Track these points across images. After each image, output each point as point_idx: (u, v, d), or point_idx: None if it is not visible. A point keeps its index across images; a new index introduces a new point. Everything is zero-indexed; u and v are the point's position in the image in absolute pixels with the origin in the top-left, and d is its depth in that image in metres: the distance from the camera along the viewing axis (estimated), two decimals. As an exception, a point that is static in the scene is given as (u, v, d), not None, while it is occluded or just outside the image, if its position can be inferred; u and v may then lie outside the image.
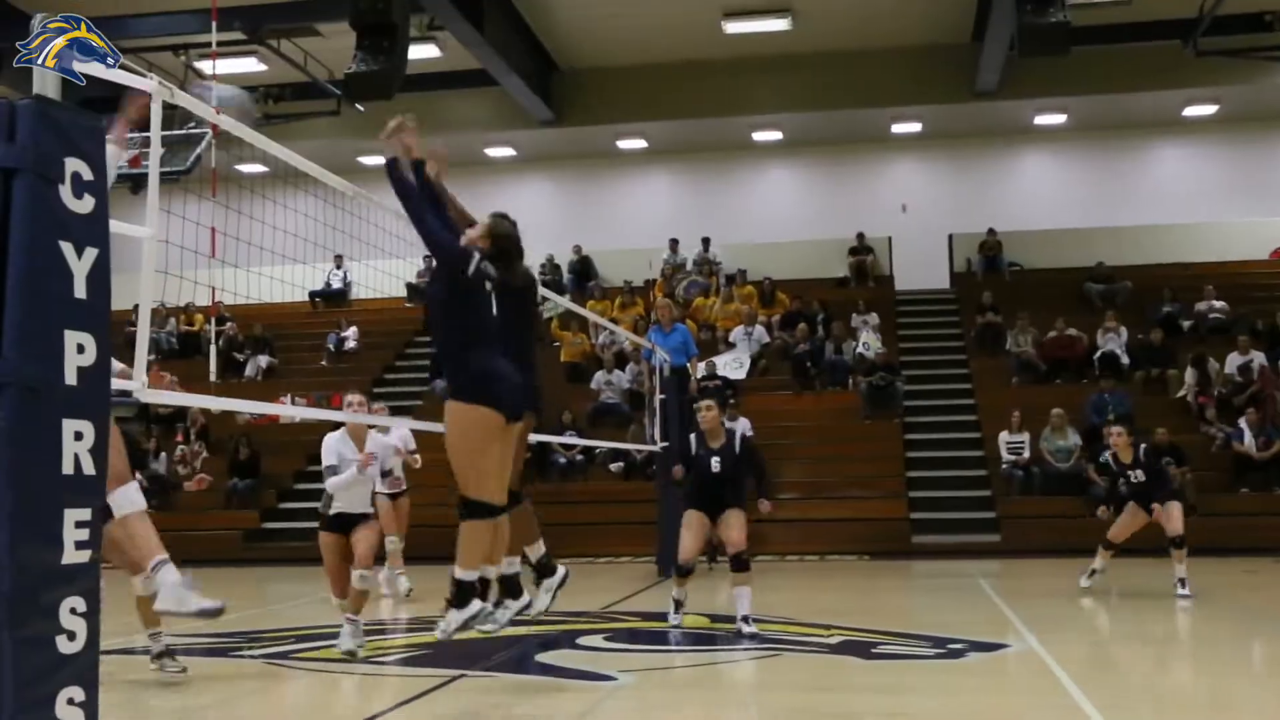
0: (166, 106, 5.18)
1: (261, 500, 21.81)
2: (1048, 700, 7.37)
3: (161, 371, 19.20)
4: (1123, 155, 28.30)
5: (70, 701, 4.02)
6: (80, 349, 4.11)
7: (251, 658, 9.63)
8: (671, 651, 9.74)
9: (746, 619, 10.24)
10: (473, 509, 6.86)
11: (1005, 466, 20.09)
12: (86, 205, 4.17)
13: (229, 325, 26.50)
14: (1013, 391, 22.49)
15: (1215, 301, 23.86)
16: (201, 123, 20.15)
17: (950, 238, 27.66)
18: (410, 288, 28.26)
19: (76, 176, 4.14)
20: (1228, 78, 24.70)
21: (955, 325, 25.82)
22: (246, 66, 24.44)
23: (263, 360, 25.95)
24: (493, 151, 29.48)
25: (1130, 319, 23.57)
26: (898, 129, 28.14)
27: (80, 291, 4.13)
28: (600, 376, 23.04)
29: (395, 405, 22.36)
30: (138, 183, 20.60)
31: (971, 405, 22.71)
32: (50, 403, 4.02)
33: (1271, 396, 19.97)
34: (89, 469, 4.12)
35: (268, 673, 9.03)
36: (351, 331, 26.79)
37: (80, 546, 4.08)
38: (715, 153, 29.06)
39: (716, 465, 10.87)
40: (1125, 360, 22.54)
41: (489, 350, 6.98)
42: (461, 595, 6.94)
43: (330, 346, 26.66)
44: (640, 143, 28.96)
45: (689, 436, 11.32)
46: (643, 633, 10.69)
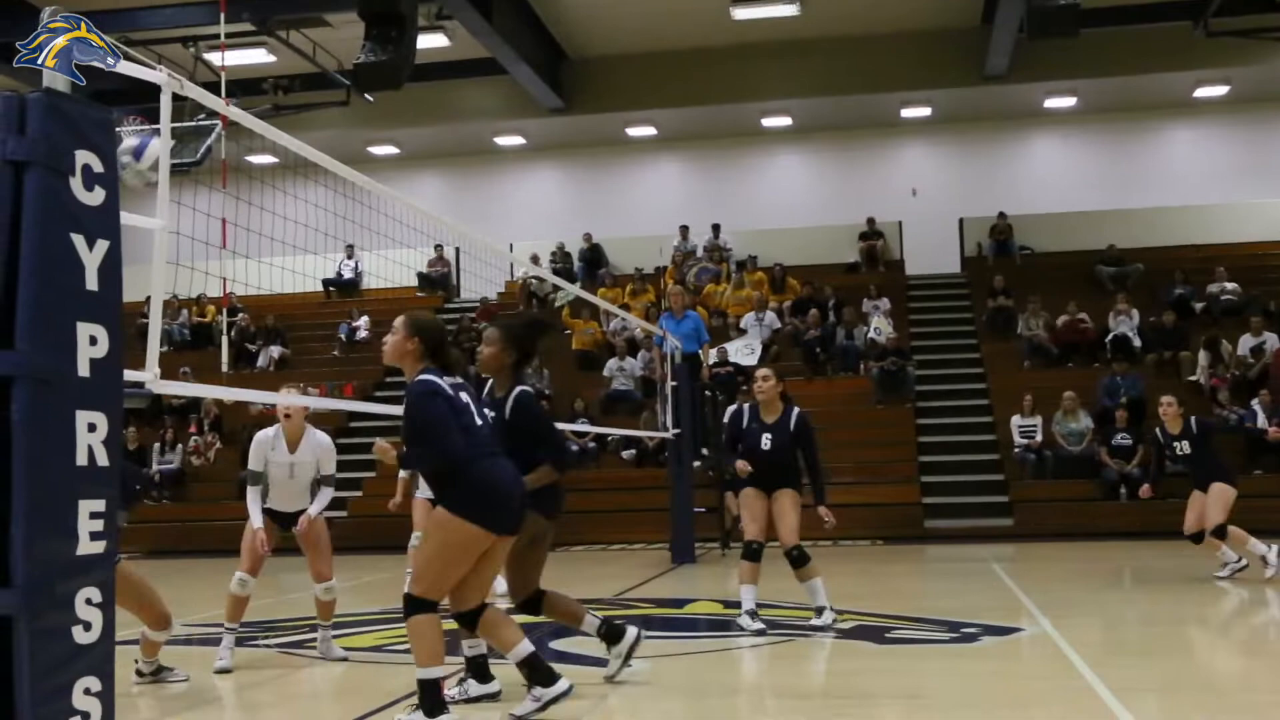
0: (176, 98, 5.18)
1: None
2: (1062, 683, 7.36)
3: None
4: (1133, 137, 28.20)
5: (87, 691, 4.05)
6: (93, 341, 4.12)
7: (266, 647, 9.66)
8: (684, 638, 9.75)
9: (821, 610, 9.94)
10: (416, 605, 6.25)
11: (1017, 450, 20.07)
12: (97, 197, 4.18)
13: (241, 316, 26.56)
14: (1024, 375, 22.46)
15: (1227, 283, 23.78)
16: (212, 114, 20.22)
17: (961, 222, 27.60)
18: (421, 277, 28.31)
19: (87, 169, 4.15)
20: (1239, 58, 24.60)
21: (966, 309, 25.76)
22: (255, 58, 24.48)
23: (275, 351, 26.00)
24: (502, 140, 29.48)
25: (1142, 301, 23.51)
26: (907, 113, 28.07)
27: (92, 283, 4.14)
28: (612, 364, 23.05)
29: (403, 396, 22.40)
30: (148, 175, 20.62)
31: (983, 389, 22.68)
32: (63, 394, 4.03)
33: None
34: (102, 460, 4.14)
35: (283, 661, 9.06)
36: (363, 321, 26.82)
37: (95, 537, 4.09)
38: (725, 139, 29.02)
39: (767, 443, 10.39)
40: (1137, 343, 22.48)
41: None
42: (424, 696, 6.20)
43: (342, 336, 26.69)
44: (650, 130, 28.92)
45: (740, 409, 10.75)
46: (656, 619, 10.70)
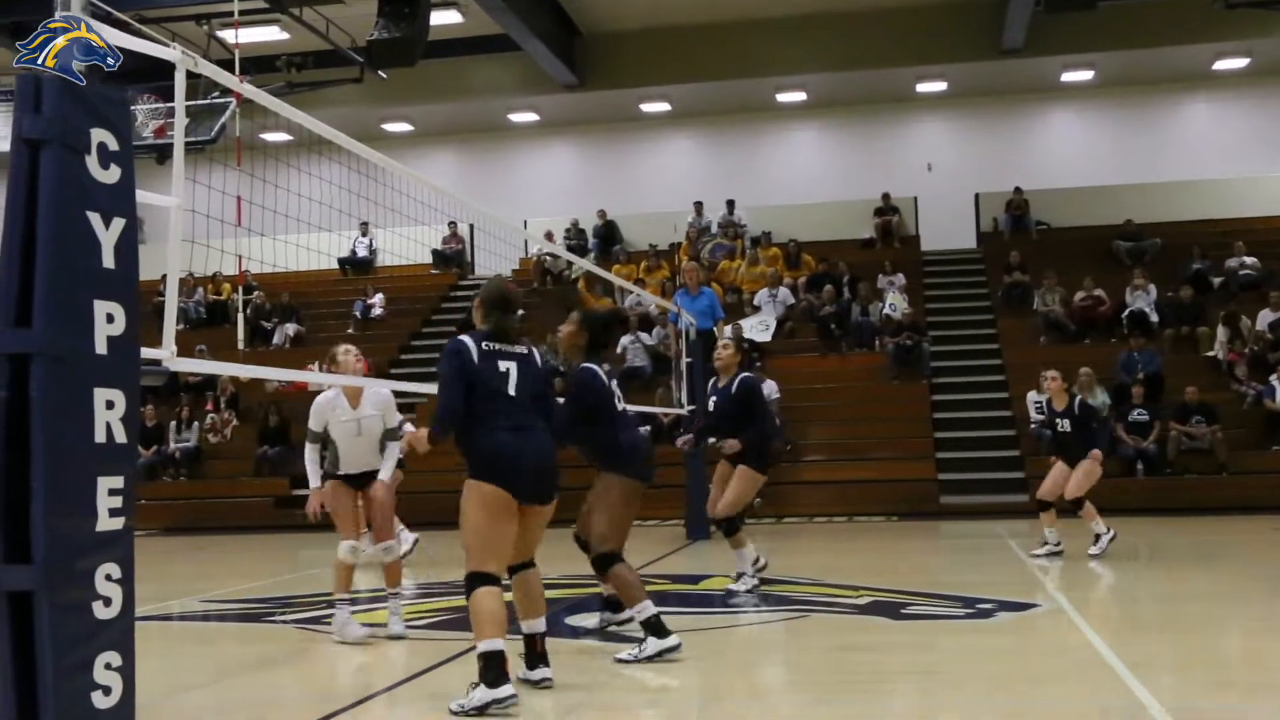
0: (190, 76, 5.19)
1: (291, 467, 21.92)
2: (1077, 659, 7.38)
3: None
4: (1151, 111, 28.08)
5: (108, 666, 4.09)
6: (110, 318, 4.15)
7: (284, 623, 9.72)
8: (700, 614, 9.77)
9: (739, 575, 10.53)
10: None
11: (1033, 426, 20.02)
12: (113, 175, 4.21)
13: (256, 294, 26.62)
14: (1040, 351, 22.38)
15: (1246, 258, 23.68)
16: (226, 92, 20.22)
17: (977, 197, 27.50)
18: (436, 254, 28.32)
19: (103, 147, 4.17)
20: (1259, 30, 24.39)
21: (982, 285, 25.70)
22: (269, 35, 24.48)
23: (290, 328, 26.06)
24: (516, 117, 29.45)
25: (1159, 276, 23.42)
26: (923, 88, 27.96)
27: (109, 261, 4.17)
28: (626, 340, 23.06)
29: (421, 371, 22.44)
30: (163, 152, 20.68)
31: (999, 365, 22.64)
32: (81, 372, 4.06)
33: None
34: (120, 437, 4.17)
35: (300, 637, 9.12)
36: (378, 299, 26.86)
37: (114, 514, 4.13)
38: (739, 115, 28.96)
39: (713, 405, 10.77)
40: (1154, 318, 22.40)
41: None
42: (486, 668, 6.26)
43: (357, 314, 26.74)
44: (664, 106, 28.87)
45: (713, 379, 11.11)
46: (672, 595, 10.73)
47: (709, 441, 11.69)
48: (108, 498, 4.11)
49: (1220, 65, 26.75)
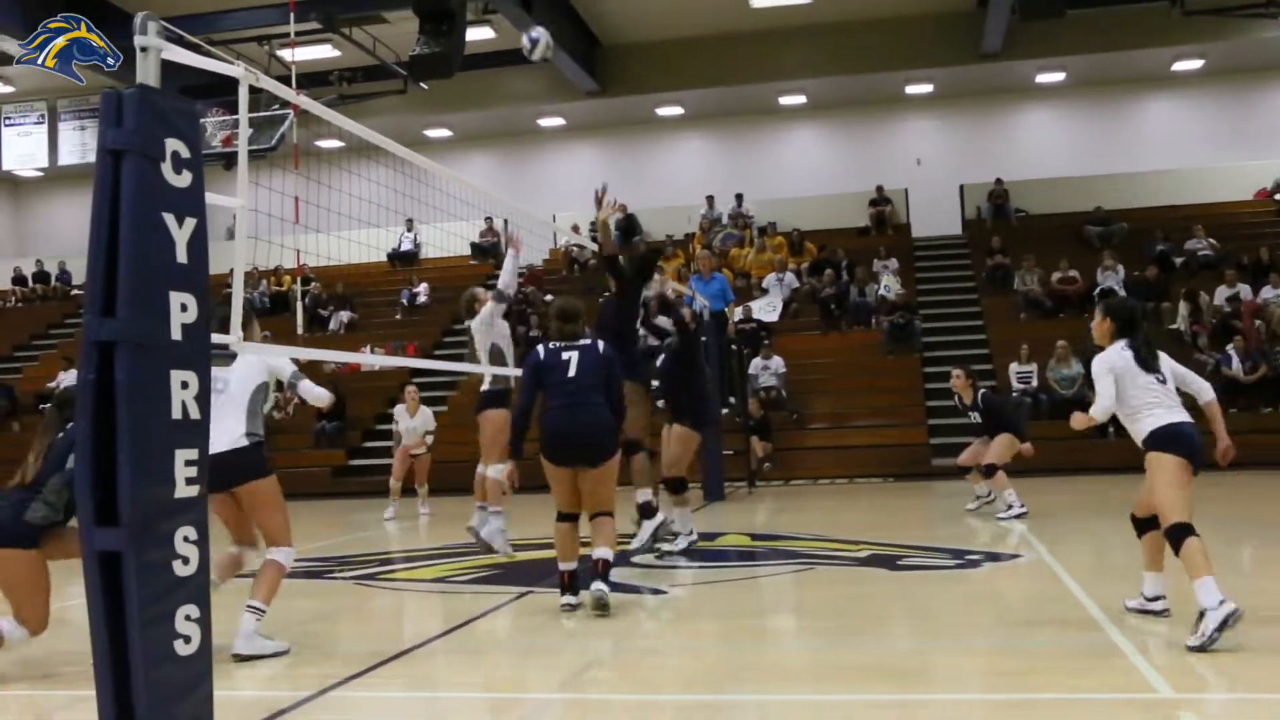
0: (253, 90, 5.19)
1: (348, 440, 22.01)
2: (1056, 604, 7.38)
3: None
4: (1117, 108, 27.96)
5: (188, 618, 4.13)
6: (183, 308, 4.17)
7: (342, 579, 9.77)
8: (717, 567, 9.78)
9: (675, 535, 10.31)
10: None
11: (1015, 395, 19.98)
12: (185, 180, 4.22)
13: (313, 285, 26.67)
14: (1021, 326, 22.33)
15: (1204, 239, 23.57)
16: (284, 104, 20.24)
17: (961, 188, 27.39)
18: (473, 246, 28.33)
19: (176, 155, 4.19)
20: (1212, 34, 24.37)
21: (967, 268, 25.62)
22: (322, 53, 24.49)
23: (344, 315, 26.11)
24: (544, 122, 29.43)
25: (1127, 258, 23.32)
26: (911, 90, 27.84)
27: (182, 257, 4.19)
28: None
29: (461, 353, 22.47)
30: (229, 160, 20.73)
31: (984, 340, 22.58)
32: (159, 356, 4.09)
33: (1250, 325, 19.78)
34: (194, 414, 4.20)
35: (357, 591, 9.16)
36: (422, 288, 26.89)
37: (190, 483, 4.16)
38: (745, 116, 28.90)
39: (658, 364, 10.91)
40: (1123, 295, 22.29)
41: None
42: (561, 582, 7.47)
43: (404, 301, 26.77)
44: (677, 110, 28.81)
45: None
46: (692, 551, 10.73)
47: (658, 404, 11.21)
48: (184, 468, 4.14)
49: (1178, 66, 26.62)
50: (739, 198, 27.48)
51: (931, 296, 24.40)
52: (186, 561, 4.13)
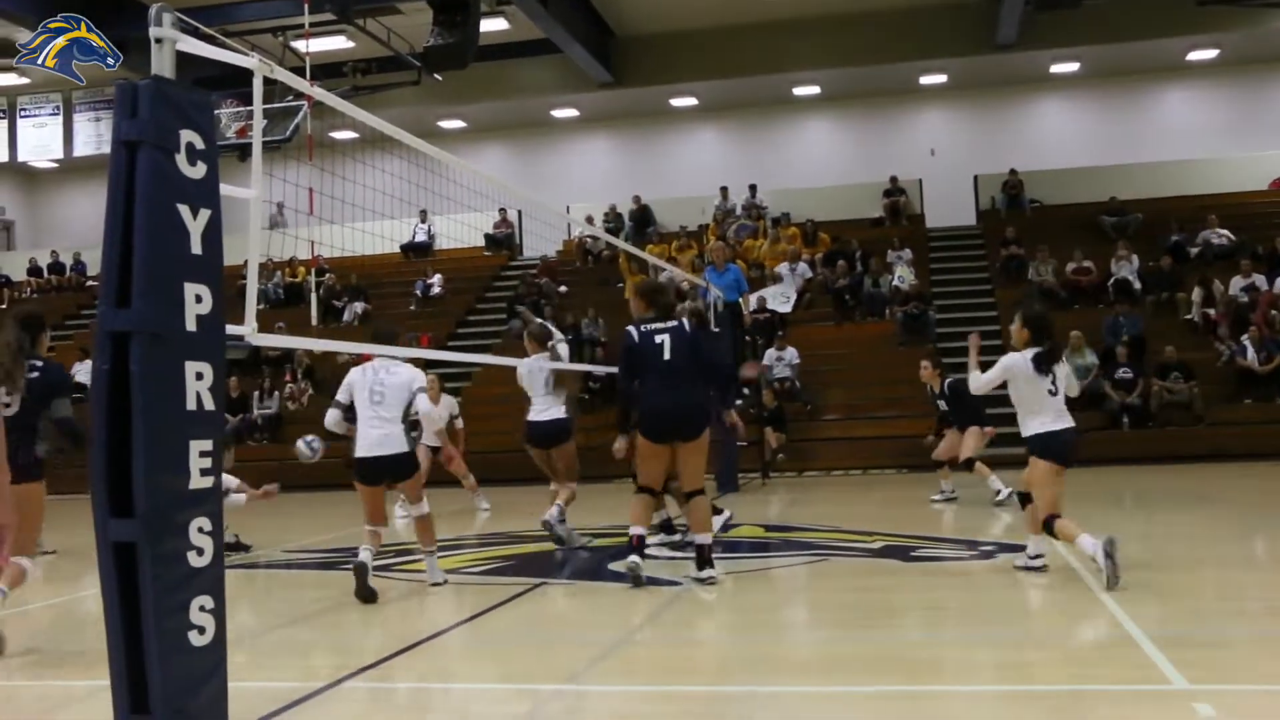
0: (267, 82, 5.18)
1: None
2: (1069, 593, 7.37)
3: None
4: (1132, 98, 27.88)
5: (202, 609, 4.13)
6: (198, 299, 4.18)
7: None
8: (730, 558, 9.77)
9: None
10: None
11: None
12: (200, 171, 4.22)
13: (328, 276, 26.69)
14: (1035, 317, 22.24)
15: (1219, 229, 23.47)
16: (299, 95, 20.25)
17: (975, 178, 27.29)
18: (488, 237, 28.33)
19: (190, 146, 4.19)
20: (1227, 24, 24.34)
21: (981, 258, 25.53)
22: (336, 44, 24.49)
23: (359, 306, 26.13)
24: (558, 113, 29.42)
25: (1141, 248, 23.22)
26: (925, 80, 27.77)
27: (196, 248, 4.19)
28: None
29: (476, 344, 22.51)
30: (244, 151, 20.75)
31: (997, 331, 22.48)
32: (173, 347, 4.09)
33: (1264, 315, 19.70)
34: (209, 405, 4.20)
35: (372, 583, 9.15)
36: (436, 279, 26.86)
37: (204, 473, 4.16)
38: (760, 107, 28.87)
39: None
40: (1137, 285, 22.22)
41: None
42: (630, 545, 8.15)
43: (418, 293, 26.78)
44: (692, 100, 28.77)
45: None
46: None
47: None
48: (198, 459, 4.14)
49: (1193, 56, 26.52)
50: (753, 189, 27.43)
51: (946, 287, 24.32)
52: (201, 552, 4.14)
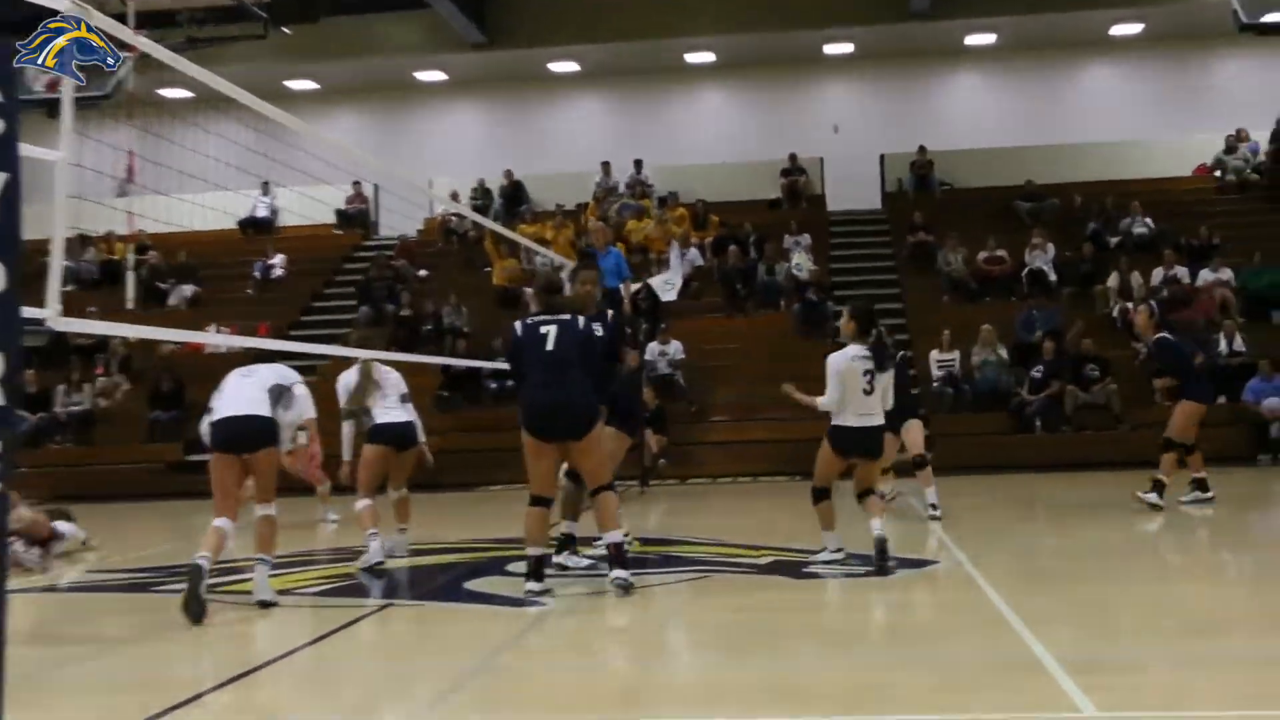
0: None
1: (186, 431, 21.39)
2: (975, 614, 7.46)
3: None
4: (1051, 74, 28.53)
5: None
6: (-11, 276, 4.04)
7: (172, 592, 9.49)
8: (603, 575, 9.76)
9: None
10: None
11: (936, 385, 20.24)
12: (-4, 128, 4.08)
13: (150, 254, 26.07)
14: (943, 310, 22.64)
15: (1142, 218, 24.05)
16: (123, 45, 19.77)
17: (882, 158, 27.68)
18: (339, 214, 27.97)
19: (-17, 99, 4.05)
20: (1153, -4, 24.93)
21: (887, 245, 25.92)
22: (167, -12, 23.92)
23: (187, 289, 25.56)
24: (423, 75, 29.19)
25: (1058, 236, 23.75)
26: (830, 50, 28.11)
27: (-13, 217, 4.05)
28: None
29: (323, 333, 22.20)
30: (54, 107, 20.19)
31: (903, 325, 22.81)
32: (-42, 331, 3.95)
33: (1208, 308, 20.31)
34: (0, 399, 4.06)
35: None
36: (279, 259, 26.40)
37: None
38: (648, 75, 28.95)
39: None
40: (1053, 277, 22.71)
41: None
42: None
43: (257, 275, 26.28)
44: (573, 66, 28.76)
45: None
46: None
47: None
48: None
49: (1117, 30, 27.28)
50: (638, 164, 27.50)
51: (847, 276, 24.62)
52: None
